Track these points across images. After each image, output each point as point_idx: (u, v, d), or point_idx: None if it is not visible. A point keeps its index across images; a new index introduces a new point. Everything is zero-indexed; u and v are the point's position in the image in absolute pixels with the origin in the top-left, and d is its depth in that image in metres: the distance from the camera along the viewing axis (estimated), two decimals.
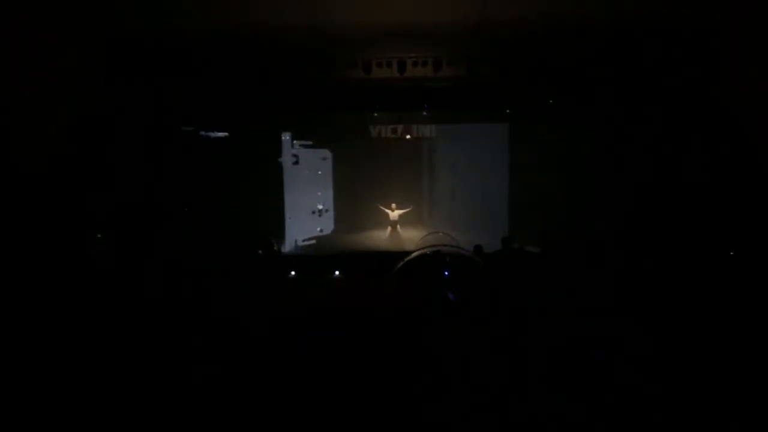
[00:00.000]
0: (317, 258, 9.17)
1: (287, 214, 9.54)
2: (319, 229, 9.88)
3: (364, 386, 3.03)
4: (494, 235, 7.48)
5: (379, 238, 9.66)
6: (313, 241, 9.75)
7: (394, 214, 9.65)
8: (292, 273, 8.12)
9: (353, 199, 9.87)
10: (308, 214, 9.83)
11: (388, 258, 6.60)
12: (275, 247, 8.69)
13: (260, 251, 8.21)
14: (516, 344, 3.52)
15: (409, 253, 6.70)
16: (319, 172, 9.95)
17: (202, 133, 9.01)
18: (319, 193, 9.93)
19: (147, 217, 7.68)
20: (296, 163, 9.77)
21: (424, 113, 9.63)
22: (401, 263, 6.28)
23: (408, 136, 9.68)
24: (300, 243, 9.64)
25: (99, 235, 6.58)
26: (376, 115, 9.63)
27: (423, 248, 7.20)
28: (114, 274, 5.81)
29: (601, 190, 8.47)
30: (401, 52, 8.13)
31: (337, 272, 8.18)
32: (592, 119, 8.66)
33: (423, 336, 3.68)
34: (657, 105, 7.94)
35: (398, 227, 9.65)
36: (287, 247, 9.49)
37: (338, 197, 9.95)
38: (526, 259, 6.78)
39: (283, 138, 9.65)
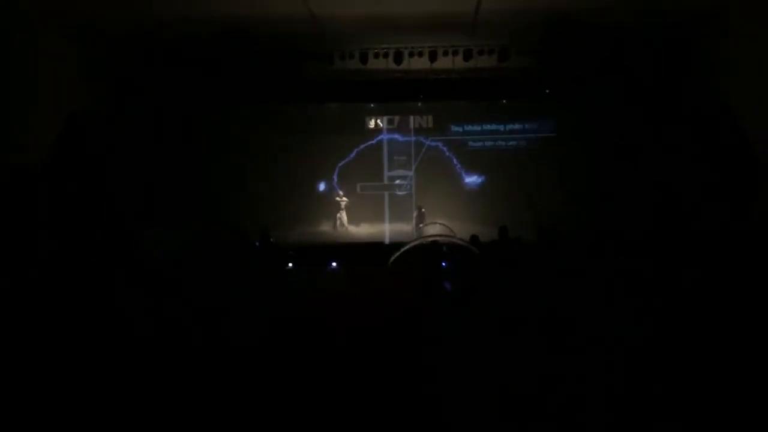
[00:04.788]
0: (314, 249, 9.15)
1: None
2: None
3: (361, 378, 3.06)
4: (491, 224, 7.50)
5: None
6: (311, 231, 9.70)
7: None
8: (290, 264, 8.11)
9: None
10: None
11: (385, 248, 6.62)
12: (272, 239, 8.67)
13: (257, 243, 8.18)
14: (514, 334, 3.55)
15: (405, 243, 6.72)
16: None
17: (196, 124, 8.98)
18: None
19: (141, 212, 7.64)
20: None
21: (420, 104, 9.62)
22: (398, 253, 6.31)
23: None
24: (298, 233, 9.59)
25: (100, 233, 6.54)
26: (372, 105, 9.61)
27: (420, 238, 7.23)
28: (106, 271, 5.79)
29: (599, 179, 8.51)
30: (398, 43, 8.12)
31: (333, 263, 8.18)
32: (588, 109, 8.69)
33: (420, 327, 3.71)
34: (653, 96, 7.96)
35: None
36: (284, 237, 9.44)
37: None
38: (523, 249, 6.80)
39: None
